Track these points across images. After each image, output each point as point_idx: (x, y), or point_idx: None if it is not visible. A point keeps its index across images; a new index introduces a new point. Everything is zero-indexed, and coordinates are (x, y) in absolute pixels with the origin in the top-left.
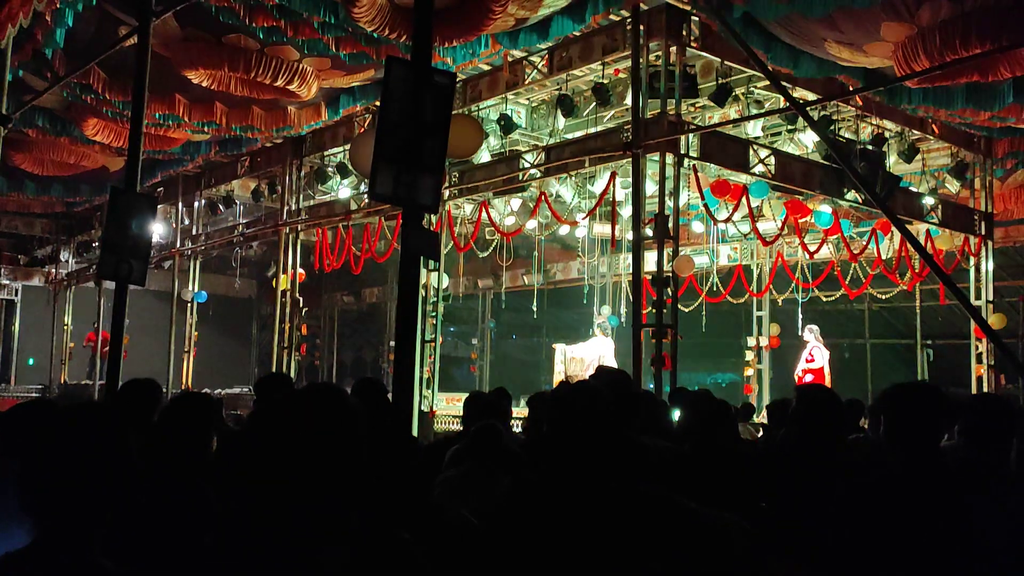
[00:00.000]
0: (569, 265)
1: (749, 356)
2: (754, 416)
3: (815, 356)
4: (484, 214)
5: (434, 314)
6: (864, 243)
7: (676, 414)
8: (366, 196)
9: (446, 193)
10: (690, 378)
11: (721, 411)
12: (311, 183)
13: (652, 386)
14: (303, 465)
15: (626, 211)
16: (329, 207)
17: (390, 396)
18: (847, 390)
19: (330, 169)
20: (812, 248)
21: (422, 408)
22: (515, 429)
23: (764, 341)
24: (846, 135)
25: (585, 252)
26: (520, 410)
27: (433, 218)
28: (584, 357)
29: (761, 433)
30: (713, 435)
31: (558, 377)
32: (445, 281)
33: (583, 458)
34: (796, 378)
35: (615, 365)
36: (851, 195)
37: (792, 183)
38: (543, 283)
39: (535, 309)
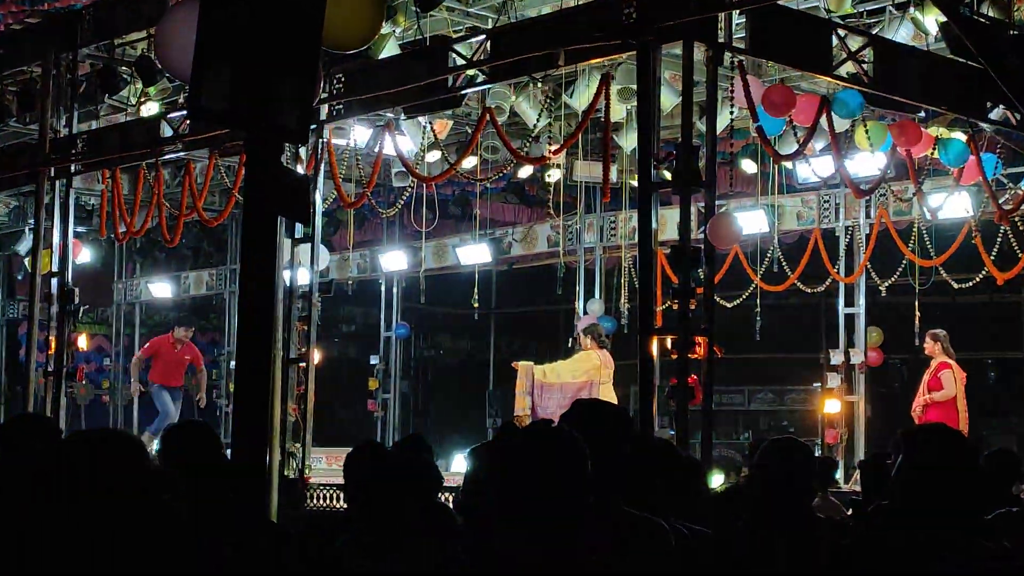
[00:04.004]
0: (534, 231)
1: (833, 381)
2: (837, 477)
3: (943, 380)
4: (388, 145)
5: (305, 314)
6: (1021, 193)
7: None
8: (186, 115)
9: (323, 110)
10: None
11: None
12: (93, 94)
13: (673, 432)
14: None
15: (628, 141)
16: (124, 134)
17: (228, 452)
18: (997, 434)
19: (124, 70)
20: (935, 203)
21: (285, 472)
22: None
23: (858, 356)
24: (991, 13)
25: (561, 210)
26: (452, 474)
27: (302, 152)
28: (564, 383)
29: (851, 511)
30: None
31: (522, 414)
32: (325, 258)
33: (542, 544)
34: (913, 415)
35: (614, 396)
36: (998, 113)
37: (902, 93)
38: (493, 260)
39: (477, 304)
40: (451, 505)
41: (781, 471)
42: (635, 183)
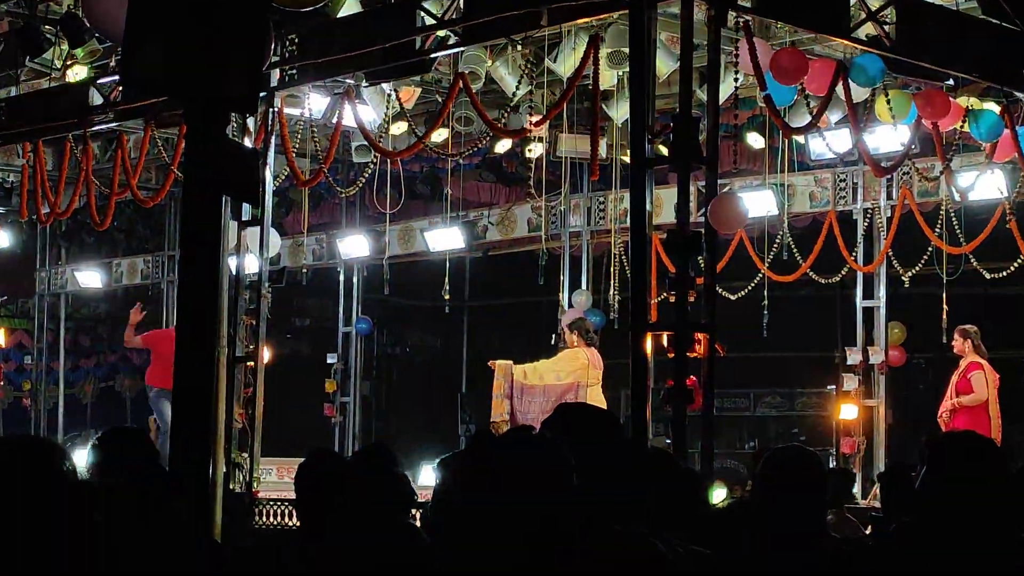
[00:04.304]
0: (513, 213)
1: (849, 383)
2: (855, 491)
3: (973, 382)
4: (348, 116)
5: (253, 306)
6: None
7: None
8: (118, 81)
9: (273, 75)
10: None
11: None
12: (12, 56)
13: (670, 441)
14: None
15: (619, 111)
16: (48, 102)
17: (166, 463)
18: None
19: (48, 29)
20: (965, 183)
21: (231, 485)
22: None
23: (878, 355)
24: None
25: (543, 189)
26: (420, 488)
27: (250, 123)
28: (548, 385)
29: (870, 529)
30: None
31: (499, 420)
32: (276, 243)
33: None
34: (939, 422)
35: (603, 400)
36: None
37: (928, 59)
38: (466, 246)
39: (448, 296)
40: (419, 523)
41: (788, 484)
42: (627, 159)
